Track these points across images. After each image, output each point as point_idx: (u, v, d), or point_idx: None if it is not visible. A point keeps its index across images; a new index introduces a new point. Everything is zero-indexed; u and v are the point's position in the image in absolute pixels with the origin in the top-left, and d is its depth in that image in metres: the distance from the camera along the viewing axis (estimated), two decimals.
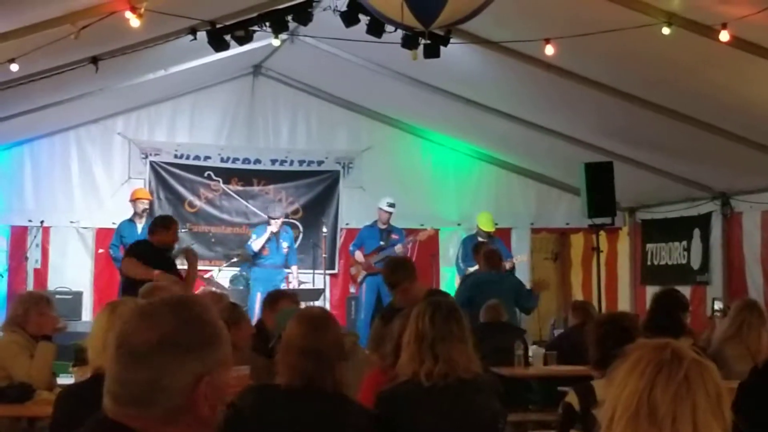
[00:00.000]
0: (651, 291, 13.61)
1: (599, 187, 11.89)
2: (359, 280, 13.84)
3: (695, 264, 12.86)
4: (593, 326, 4.95)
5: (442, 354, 4.55)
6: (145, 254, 9.97)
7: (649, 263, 13.93)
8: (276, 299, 7.17)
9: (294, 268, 13.64)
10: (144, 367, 2.05)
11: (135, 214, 12.94)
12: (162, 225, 10.44)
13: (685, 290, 12.25)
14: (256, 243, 13.34)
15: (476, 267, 12.51)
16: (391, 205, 13.76)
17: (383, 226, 13.84)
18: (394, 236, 13.69)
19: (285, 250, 13.51)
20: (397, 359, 4.97)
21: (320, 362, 4.17)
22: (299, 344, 4.21)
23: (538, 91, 11.13)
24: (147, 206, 13.06)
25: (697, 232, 12.83)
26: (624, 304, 13.60)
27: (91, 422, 2.13)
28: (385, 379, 5.02)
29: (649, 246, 13.97)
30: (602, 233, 12.81)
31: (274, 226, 13.44)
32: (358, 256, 13.73)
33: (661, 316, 7.40)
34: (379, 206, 13.82)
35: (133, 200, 13.01)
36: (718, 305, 11.22)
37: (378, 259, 13.49)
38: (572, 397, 4.53)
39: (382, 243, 13.74)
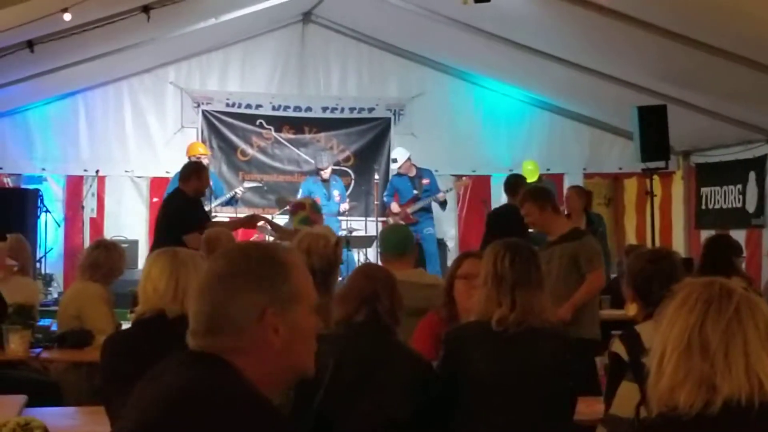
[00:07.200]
0: (706, 235, 13.48)
1: (652, 130, 11.72)
2: None
3: (750, 207, 12.70)
4: (635, 263, 4.67)
5: (521, 300, 4.31)
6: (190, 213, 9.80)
7: (703, 207, 13.79)
8: None
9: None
10: (208, 299, 2.19)
11: None
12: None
13: (741, 234, 12.18)
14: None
15: None
16: (395, 161, 13.92)
17: (411, 175, 13.81)
18: (425, 181, 13.69)
19: (337, 199, 13.57)
20: (449, 310, 4.98)
21: (376, 304, 4.18)
22: (359, 292, 4.24)
23: (590, 34, 10.98)
24: (207, 161, 12.94)
25: (752, 175, 12.65)
26: (678, 249, 13.44)
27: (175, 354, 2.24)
28: (441, 323, 5.00)
29: (703, 190, 13.81)
30: (656, 177, 12.68)
31: (322, 175, 13.55)
32: (394, 207, 13.74)
33: (712, 260, 7.36)
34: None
35: (191, 156, 12.99)
36: None
37: (415, 208, 13.62)
38: (618, 346, 4.31)
39: (416, 192, 13.71)
